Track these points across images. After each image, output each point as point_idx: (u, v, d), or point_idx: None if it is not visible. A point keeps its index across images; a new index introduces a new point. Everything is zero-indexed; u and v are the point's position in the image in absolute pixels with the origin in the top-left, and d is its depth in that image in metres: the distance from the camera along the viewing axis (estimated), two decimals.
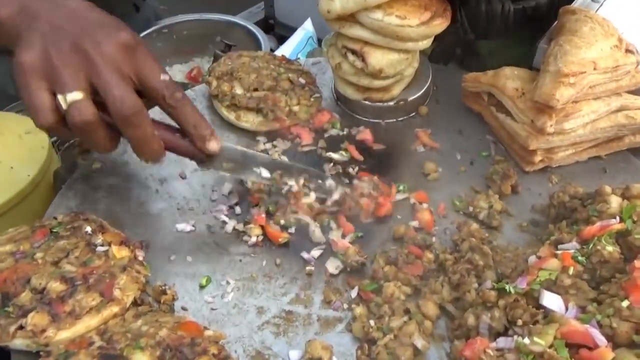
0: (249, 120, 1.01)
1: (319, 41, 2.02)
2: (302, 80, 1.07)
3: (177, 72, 1.91)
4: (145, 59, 0.70)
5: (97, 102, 0.66)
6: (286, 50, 1.88)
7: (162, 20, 1.78)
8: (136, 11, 1.71)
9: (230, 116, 1.01)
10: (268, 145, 1.00)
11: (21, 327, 0.60)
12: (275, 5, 2.21)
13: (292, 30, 2.19)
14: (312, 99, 1.05)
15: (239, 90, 1.01)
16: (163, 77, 0.70)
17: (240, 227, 0.85)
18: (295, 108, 1.02)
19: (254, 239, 0.83)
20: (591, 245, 0.67)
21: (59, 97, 0.64)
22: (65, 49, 0.65)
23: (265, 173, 0.83)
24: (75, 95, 0.64)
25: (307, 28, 1.98)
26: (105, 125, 0.68)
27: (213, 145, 0.74)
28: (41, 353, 0.60)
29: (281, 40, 2.09)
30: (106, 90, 0.65)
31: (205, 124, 0.74)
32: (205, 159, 0.76)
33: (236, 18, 1.99)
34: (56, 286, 0.63)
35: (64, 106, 0.64)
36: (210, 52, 1.94)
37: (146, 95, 0.70)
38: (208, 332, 0.65)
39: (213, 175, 0.94)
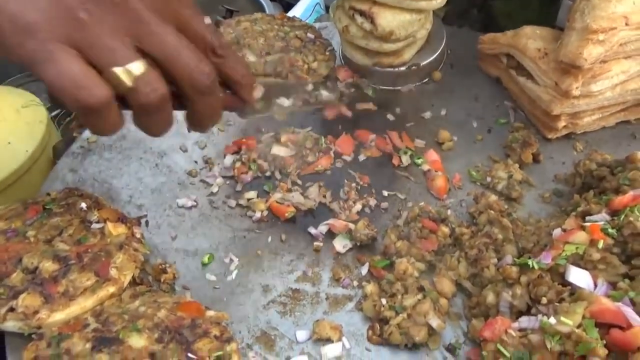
0: None
1: (327, 8, 1.94)
2: (310, 35, 1.02)
3: None
4: (187, 4, 0.56)
5: None
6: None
7: None
8: None
9: None
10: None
11: (12, 309, 0.57)
12: None
13: None
14: (327, 53, 1.00)
15: (251, 58, 0.96)
16: (207, 22, 0.58)
17: (243, 202, 0.81)
18: (314, 65, 0.97)
19: (258, 214, 0.79)
20: (622, 217, 0.61)
21: (118, 70, 0.49)
22: (100, 12, 0.50)
23: (287, 102, 0.77)
24: (137, 67, 0.50)
25: None
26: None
27: (258, 93, 0.67)
28: (33, 336, 0.57)
29: (287, 7, 2.01)
30: (171, 57, 0.52)
31: (249, 71, 0.64)
32: (246, 109, 0.68)
33: None
34: (49, 266, 0.60)
35: (128, 83, 0.50)
36: (213, 19, 1.87)
37: (192, 43, 0.56)
38: (210, 313, 0.61)
39: (215, 148, 0.89)
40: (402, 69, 0.98)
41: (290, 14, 1.86)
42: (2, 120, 1.05)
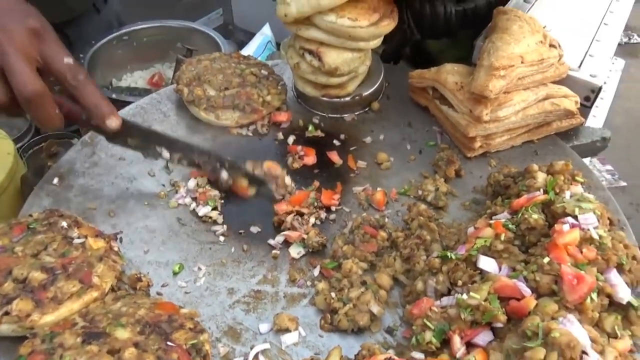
0: (229, 118, 1.08)
1: (277, 45, 2.10)
2: (264, 72, 1.15)
3: (138, 78, 1.94)
4: (50, 43, 0.76)
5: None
6: (246, 54, 1.94)
7: (123, 26, 1.81)
8: (97, 12, 1.73)
9: (210, 117, 1.08)
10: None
11: (7, 314, 0.64)
12: (233, 11, 2.28)
13: (250, 35, 2.25)
14: (279, 87, 1.14)
15: (212, 92, 1.08)
16: (67, 60, 0.75)
17: (208, 211, 0.91)
18: (268, 98, 1.10)
19: (221, 229, 0.89)
20: (520, 215, 0.77)
21: None
22: None
23: (165, 153, 0.91)
24: None
25: (265, 33, 2.05)
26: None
27: (112, 123, 0.81)
28: (27, 335, 0.64)
29: (240, 45, 2.15)
30: (10, 73, 0.71)
31: (106, 102, 0.81)
32: (110, 135, 0.83)
33: (196, 24, 2.04)
34: (37, 275, 0.68)
35: None
36: (171, 58, 1.98)
37: (52, 76, 0.76)
38: (183, 310, 0.71)
39: (180, 172, 0.99)
40: (347, 99, 1.13)
41: (244, 51, 2.00)
42: None
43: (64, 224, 0.77)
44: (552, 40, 1.02)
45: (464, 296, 0.66)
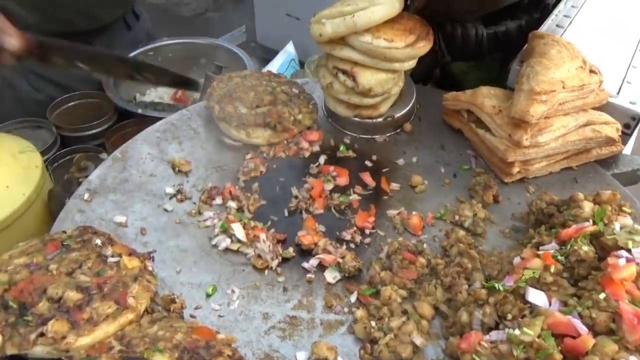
0: (260, 136, 1.07)
1: (301, 63, 2.10)
2: (295, 90, 1.14)
3: (163, 93, 1.94)
4: None
5: None
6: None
7: (149, 42, 1.82)
8: (128, 28, 1.74)
9: (241, 135, 1.06)
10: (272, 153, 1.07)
11: (41, 335, 0.62)
12: (256, 29, 2.29)
13: (272, 52, 2.27)
14: (310, 106, 1.12)
15: (243, 110, 1.06)
16: None
17: (233, 247, 0.88)
18: (299, 117, 1.09)
19: (251, 252, 0.87)
20: (569, 246, 0.74)
21: None
22: None
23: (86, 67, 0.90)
24: None
25: (289, 50, 2.06)
26: None
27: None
28: (62, 358, 0.62)
29: (263, 62, 2.16)
30: None
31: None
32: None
33: (219, 41, 2.05)
34: (73, 295, 0.66)
35: None
36: (195, 74, 1.99)
37: None
38: (220, 336, 0.68)
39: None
40: (379, 120, 1.11)
41: (267, 68, 2.01)
42: (0, 165, 1.10)
43: (98, 241, 0.76)
44: (591, 66, 1.01)
45: (516, 332, 0.63)
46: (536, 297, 0.69)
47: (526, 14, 1.39)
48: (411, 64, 1.06)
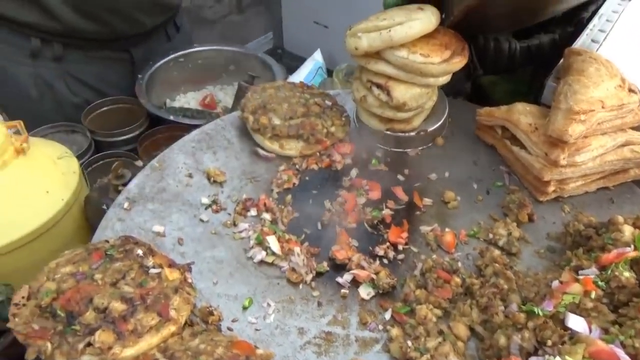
0: (293, 148, 1.08)
1: (328, 71, 2.11)
2: (328, 102, 1.15)
3: (191, 99, 1.97)
4: None
5: None
6: (297, 79, 1.96)
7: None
8: (167, 40, 1.78)
9: (274, 146, 1.08)
10: (304, 165, 1.08)
11: (89, 345, 0.64)
12: (284, 36, 2.31)
13: (299, 59, 2.28)
14: (343, 118, 1.13)
15: (277, 121, 1.08)
16: None
17: (269, 259, 0.89)
18: (332, 129, 1.10)
19: (285, 265, 0.88)
20: (609, 271, 0.73)
21: None
22: None
23: None
24: None
25: (316, 59, 2.07)
26: None
27: None
28: None
29: (289, 69, 2.17)
30: None
31: None
32: None
33: (248, 47, 2.07)
34: (118, 306, 0.68)
35: None
36: (223, 80, 2.02)
37: None
38: (259, 351, 0.69)
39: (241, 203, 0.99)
40: (412, 134, 1.11)
41: (295, 76, 2.02)
42: (41, 170, 1.13)
43: (140, 252, 0.77)
44: (630, 85, 0.99)
45: (557, 359, 0.63)
46: (577, 323, 0.68)
47: (560, 28, 1.38)
48: (445, 79, 1.06)
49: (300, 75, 1.97)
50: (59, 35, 1.51)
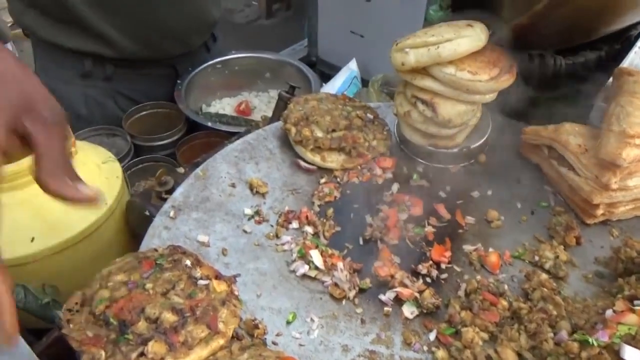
0: (334, 160, 1.08)
1: (363, 81, 2.11)
2: (370, 116, 1.15)
3: (226, 104, 1.99)
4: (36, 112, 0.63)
5: None
6: (331, 88, 1.97)
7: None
8: (207, 50, 1.82)
9: (316, 159, 1.08)
10: (345, 179, 1.09)
11: (141, 354, 0.65)
12: (319, 44, 2.32)
13: (333, 68, 2.29)
14: (385, 132, 1.13)
15: (319, 134, 1.08)
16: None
17: (312, 273, 0.89)
18: (374, 143, 1.10)
19: (328, 280, 0.88)
20: None
21: None
22: None
23: None
24: None
25: (351, 68, 2.07)
26: None
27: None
28: None
29: (323, 77, 2.18)
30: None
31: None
32: None
33: (283, 56, 2.09)
34: (169, 317, 0.68)
35: None
36: (259, 87, 2.04)
37: None
38: None
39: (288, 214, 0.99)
40: (454, 150, 1.11)
41: (329, 85, 2.02)
42: (87, 174, 1.15)
43: (188, 262, 0.78)
44: None
45: None
46: (633, 355, 0.67)
47: (606, 45, 1.35)
48: (492, 96, 1.05)
49: (335, 84, 1.97)
50: (111, 58, 1.56)
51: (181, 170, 1.14)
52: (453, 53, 0.97)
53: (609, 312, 0.74)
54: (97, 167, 1.20)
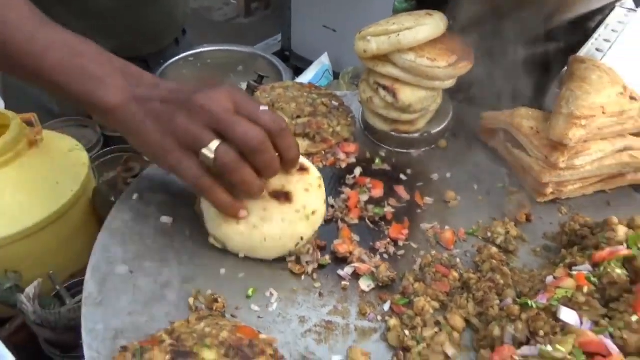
0: (299, 146, 1.11)
1: (335, 74, 2.14)
2: (335, 103, 1.18)
3: None
4: (246, 98, 0.79)
5: None
6: (304, 81, 2.00)
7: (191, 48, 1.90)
8: (176, 44, 1.84)
9: None
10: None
11: None
12: (292, 38, 2.35)
13: (306, 62, 2.32)
14: (349, 118, 1.16)
15: (285, 120, 1.11)
16: (263, 108, 0.79)
17: None
18: (338, 129, 1.13)
19: (291, 258, 0.91)
20: (602, 268, 0.75)
21: (204, 151, 0.75)
22: (183, 115, 0.76)
23: None
24: (214, 144, 0.75)
25: (323, 61, 2.11)
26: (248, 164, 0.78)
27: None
28: (120, 347, 0.66)
29: (296, 71, 2.21)
30: (230, 131, 0.75)
31: (297, 150, 0.86)
32: None
33: (257, 49, 2.11)
34: None
35: (211, 156, 0.75)
36: (231, 80, 2.05)
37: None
38: (262, 336, 0.72)
39: None
40: (415, 135, 1.14)
41: (302, 78, 2.06)
42: (52, 162, 1.17)
43: None
44: (632, 93, 1.02)
45: (548, 348, 0.65)
46: (568, 315, 0.71)
47: (566, 37, 1.41)
48: (451, 82, 1.09)
49: (307, 77, 2.01)
50: None
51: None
52: (413, 40, 1.01)
53: (549, 279, 0.78)
54: (64, 155, 1.22)
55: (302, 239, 0.87)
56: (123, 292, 0.81)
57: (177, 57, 1.84)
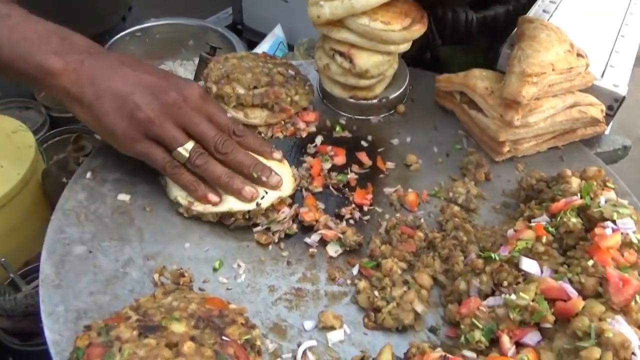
0: (257, 116, 1.08)
1: (289, 46, 2.10)
2: (291, 72, 1.16)
3: None
4: (213, 104, 0.93)
5: None
6: None
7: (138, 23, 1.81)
8: (122, 21, 1.76)
9: (239, 115, 1.07)
10: (270, 134, 1.11)
11: None
12: (243, 11, 2.28)
13: (259, 35, 2.26)
14: (307, 87, 1.14)
15: (241, 91, 1.08)
16: (228, 115, 0.91)
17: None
18: (296, 98, 1.11)
19: (258, 228, 0.89)
20: (558, 218, 0.79)
21: (179, 150, 0.85)
22: (157, 110, 0.82)
23: None
24: (189, 144, 0.85)
25: (277, 33, 2.06)
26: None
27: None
28: (83, 327, 0.64)
29: (249, 45, 2.15)
30: (197, 130, 0.85)
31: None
32: None
33: (208, 23, 2.04)
34: None
35: (186, 155, 0.85)
36: (183, 55, 1.98)
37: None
38: (232, 306, 0.71)
39: None
40: (374, 101, 1.14)
41: (256, 51, 2.00)
42: None
43: None
44: (579, 50, 1.05)
45: (512, 297, 0.68)
46: (529, 265, 0.74)
47: (514, 0, 1.43)
48: (406, 46, 1.09)
49: (262, 50, 1.96)
50: None
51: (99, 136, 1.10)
52: (365, 4, 0.99)
53: (510, 232, 0.81)
54: (7, 137, 1.15)
55: (266, 192, 0.89)
56: (83, 273, 0.78)
57: (123, 33, 1.75)
